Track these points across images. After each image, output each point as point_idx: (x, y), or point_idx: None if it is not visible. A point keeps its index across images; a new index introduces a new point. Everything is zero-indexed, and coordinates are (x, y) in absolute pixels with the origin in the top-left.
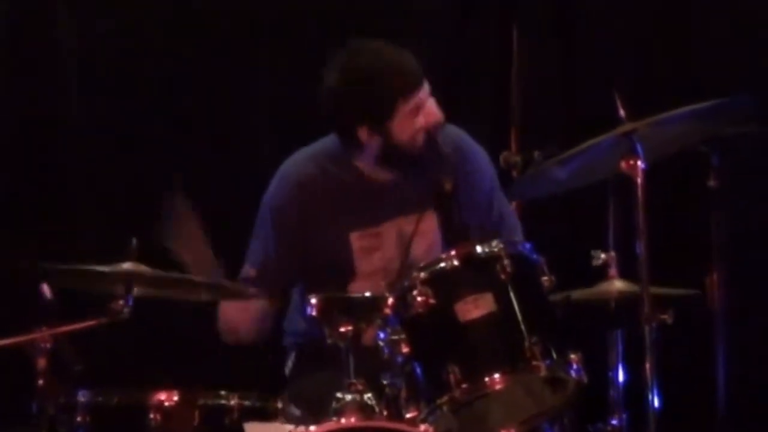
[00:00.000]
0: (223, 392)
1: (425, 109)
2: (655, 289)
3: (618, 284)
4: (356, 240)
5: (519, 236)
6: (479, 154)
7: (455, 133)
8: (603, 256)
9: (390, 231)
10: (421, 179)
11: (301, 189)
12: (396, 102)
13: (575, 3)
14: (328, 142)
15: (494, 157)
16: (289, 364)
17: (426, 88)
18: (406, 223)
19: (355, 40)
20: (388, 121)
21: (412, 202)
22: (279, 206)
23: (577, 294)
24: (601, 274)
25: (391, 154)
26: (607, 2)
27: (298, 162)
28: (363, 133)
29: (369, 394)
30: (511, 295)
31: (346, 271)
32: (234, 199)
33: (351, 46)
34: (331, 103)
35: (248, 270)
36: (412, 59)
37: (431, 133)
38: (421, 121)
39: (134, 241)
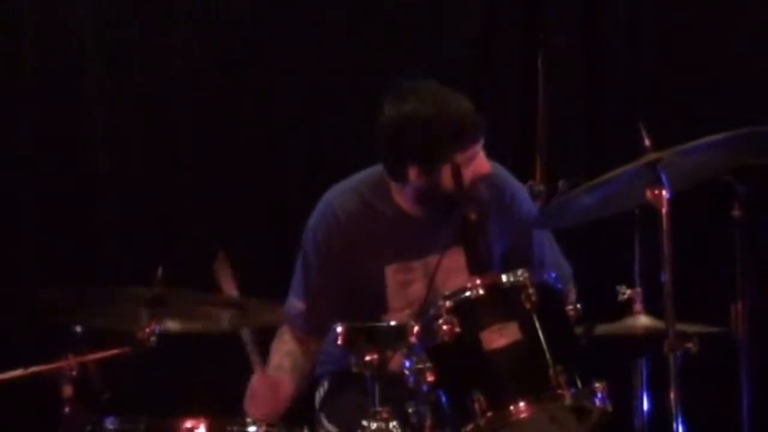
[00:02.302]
0: (249, 420)
1: (477, 161)
2: (680, 325)
3: (643, 320)
4: (391, 274)
5: (568, 273)
6: (523, 198)
7: (497, 172)
8: (628, 291)
9: (422, 267)
10: (454, 217)
11: (344, 222)
12: (453, 151)
13: (600, 31)
14: (372, 174)
15: None
16: (321, 391)
17: (480, 143)
18: (436, 260)
19: (424, 80)
20: (440, 165)
21: (444, 239)
22: (323, 239)
23: (601, 329)
24: (626, 309)
25: (433, 196)
26: (632, 30)
27: (342, 194)
28: (412, 172)
29: (394, 423)
30: (536, 324)
31: (378, 306)
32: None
33: (420, 84)
34: (389, 136)
35: (294, 302)
36: (475, 112)
37: (476, 183)
38: (471, 170)
39: (160, 270)
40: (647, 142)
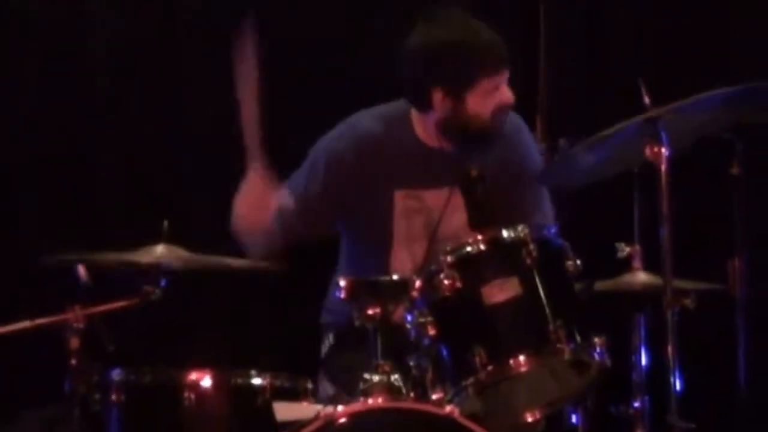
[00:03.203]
0: (254, 372)
1: (502, 90)
2: (677, 282)
3: (642, 276)
4: (400, 199)
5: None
6: (532, 143)
7: (516, 117)
8: (627, 248)
9: (433, 198)
10: (472, 156)
11: (363, 141)
12: (480, 76)
13: None
14: (395, 106)
15: None
16: (326, 343)
17: (506, 74)
18: (445, 195)
19: (455, 9)
20: (466, 90)
21: (455, 176)
22: (337, 150)
23: (601, 285)
24: (625, 265)
25: (455, 124)
26: None
27: (365, 117)
28: (437, 96)
29: (396, 376)
30: (537, 279)
31: (384, 232)
32: None
33: (451, 12)
34: (416, 59)
35: (287, 197)
36: (504, 45)
37: (499, 114)
38: (496, 99)
39: (166, 223)
40: (647, 100)
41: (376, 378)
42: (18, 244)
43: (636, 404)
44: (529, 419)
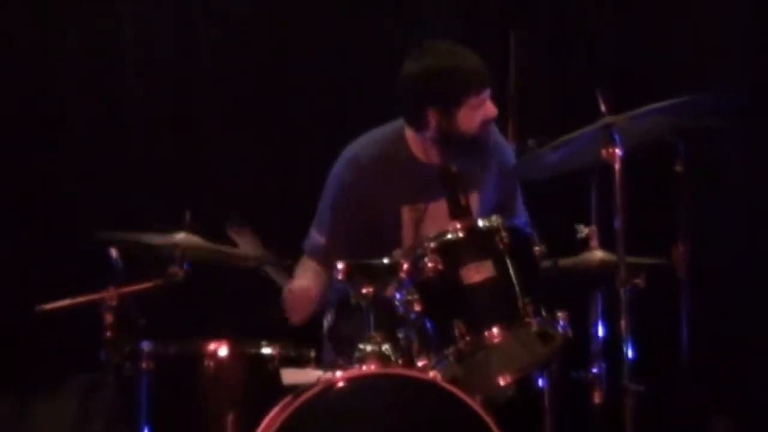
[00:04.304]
0: (264, 343)
1: (486, 105)
2: (629, 258)
3: (599, 254)
4: (406, 213)
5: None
6: (510, 152)
7: (496, 131)
8: (586, 230)
9: (434, 209)
10: (466, 163)
11: (366, 167)
12: (467, 95)
13: (567, 14)
14: (388, 129)
15: None
16: (329, 318)
17: (488, 91)
18: (444, 205)
19: (441, 40)
20: (456, 108)
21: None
22: (345, 182)
23: (564, 262)
24: (584, 245)
25: (449, 138)
26: (595, 15)
27: (363, 145)
28: (431, 115)
29: (387, 346)
30: (508, 262)
31: (394, 242)
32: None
33: (438, 43)
34: (411, 86)
35: (315, 236)
36: (485, 67)
37: (485, 126)
38: (481, 113)
39: (188, 214)
40: (603, 108)
41: (369, 348)
42: (60, 231)
43: (594, 370)
44: (502, 383)
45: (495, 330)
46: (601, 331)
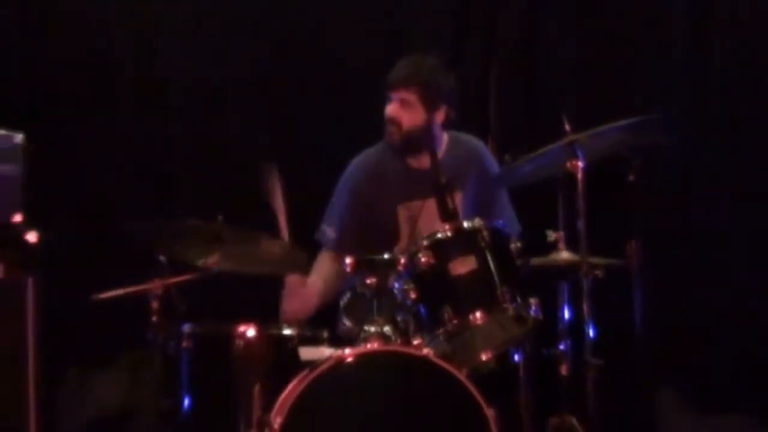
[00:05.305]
0: (285, 325)
1: (391, 105)
2: (591, 258)
3: (565, 254)
4: (402, 211)
5: (516, 226)
6: (490, 162)
7: (474, 143)
8: (554, 234)
9: (425, 206)
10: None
11: (370, 171)
12: (387, 88)
13: (535, 49)
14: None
15: None
16: (345, 299)
17: (402, 93)
18: (433, 203)
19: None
20: (388, 98)
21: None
22: (354, 181)
23: (536, 261)
24: (553, 247)
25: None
26: (560, 48)
27: (367, 155)
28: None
29: (387, 327)
30: (488, 257)
31: (392, 236)
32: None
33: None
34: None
35: (327, 229)
36: (412, 74)
37: (388, 123)
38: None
39: (220, 216)
40: (568, 128)
41: (372, 329)
42: (114, 229)
43: (561, 347)
44: (484, 358)
45: (478, 314)
46: (567, 314)
